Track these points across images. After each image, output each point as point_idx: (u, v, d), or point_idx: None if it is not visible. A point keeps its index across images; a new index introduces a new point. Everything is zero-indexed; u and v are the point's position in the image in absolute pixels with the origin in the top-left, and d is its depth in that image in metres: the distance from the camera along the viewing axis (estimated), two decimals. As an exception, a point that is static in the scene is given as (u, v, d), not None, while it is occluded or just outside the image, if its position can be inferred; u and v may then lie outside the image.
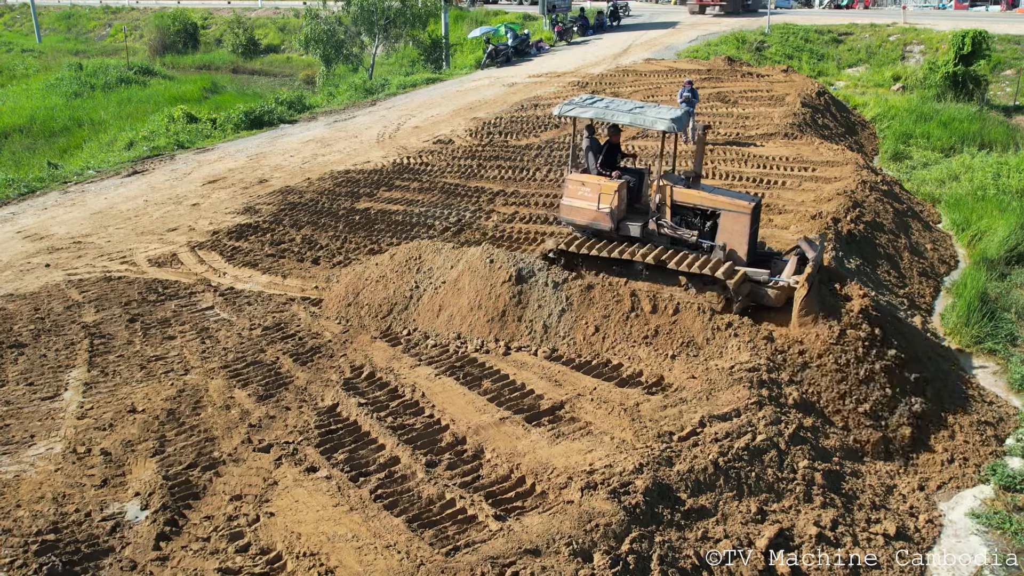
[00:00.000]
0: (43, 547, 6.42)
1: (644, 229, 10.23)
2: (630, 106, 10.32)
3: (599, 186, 10.18)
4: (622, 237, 10.33)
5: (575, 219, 10.43)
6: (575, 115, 10.32)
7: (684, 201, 10.12)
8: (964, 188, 17.40)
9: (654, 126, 9.79)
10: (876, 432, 8.35)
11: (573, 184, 10.38)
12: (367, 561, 5.97)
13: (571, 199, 10.38)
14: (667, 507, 6.48)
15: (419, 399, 8.33)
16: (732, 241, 9.86)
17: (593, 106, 10.35)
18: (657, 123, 9.75)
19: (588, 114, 10.25)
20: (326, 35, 33.04)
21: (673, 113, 9.96)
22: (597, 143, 10.78)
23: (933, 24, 35.87)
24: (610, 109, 10.22)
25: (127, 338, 10.33)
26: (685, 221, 10.22)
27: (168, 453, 7.69)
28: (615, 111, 10.15)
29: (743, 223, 9.77)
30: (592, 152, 10.67)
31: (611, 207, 10.09)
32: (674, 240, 10.20)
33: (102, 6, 62.50)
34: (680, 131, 9.97)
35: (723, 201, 9.95)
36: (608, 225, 10.20)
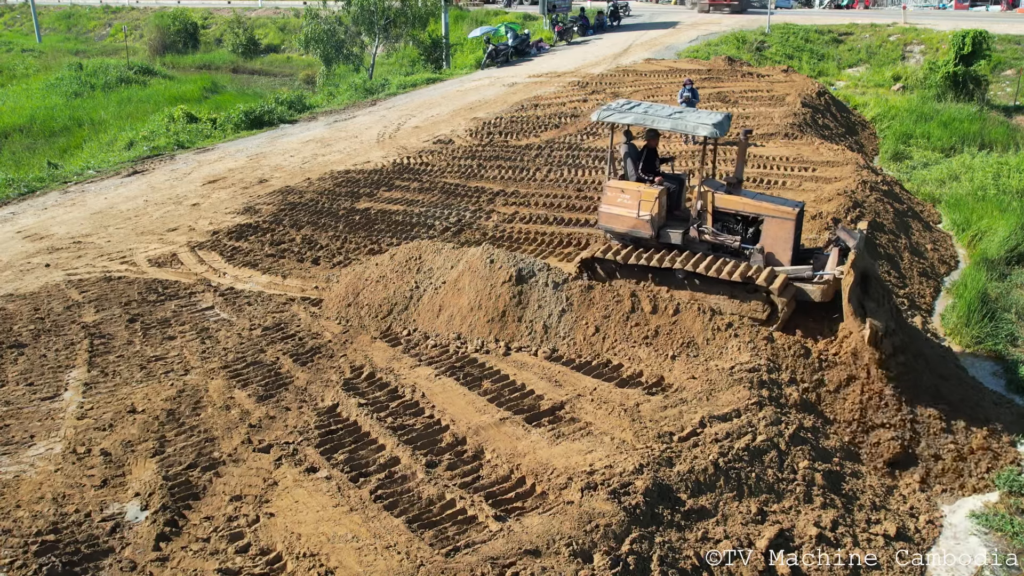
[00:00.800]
0: (43, 547, 6.42)
1: (685, 236, 10.08)
2: (670, 111, 10.15)
3: (639, 193, 10.02)
4: (662, 244, 10.15)
5: (615, 226, 10.30)
6: (614, 120, 10.12)
7: (726, 207, 9.90)
8: (964, 188, 17.40)
9: (696, 132, 9.59)
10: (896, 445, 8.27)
11: (612, 191, 10.21)
12: (367, 562, 5.97)
13: (610, 206, 10.25)
14: (667, 508, 6.47)
15: (419, 399, 8.33)
16: (775, 247, 9.63)
17: (632, 111, 10.14)
18: (699, 128, 9.53)
19: (627, 120, 10.06)
20: (326, 35, 33.05)
21: (715, 118, 9.71)
22: (635, 149, 10.58)
23: (933, 24, 35.87)
24: (649, 114, 10.03)
25: (127, 338, 10.32)
26: (727, 227, 10.00)
27: (168, 453, 7.68)
28: (655, 116, 9.97)
29: (787, 229, 9.57)
30: (631, 158, 10.48)
31: (651, 214, 9.96)
32: (715, 247, 10.02)
33: (102, 6, 62.51)
34: (723, 135, 9.74)
35: (767, 207, 9.75)
36: (649, 232, 10.05)
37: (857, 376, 8.58)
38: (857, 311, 8.71)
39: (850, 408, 8.48)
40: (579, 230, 13.33)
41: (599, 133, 19.98)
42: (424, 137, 20.76)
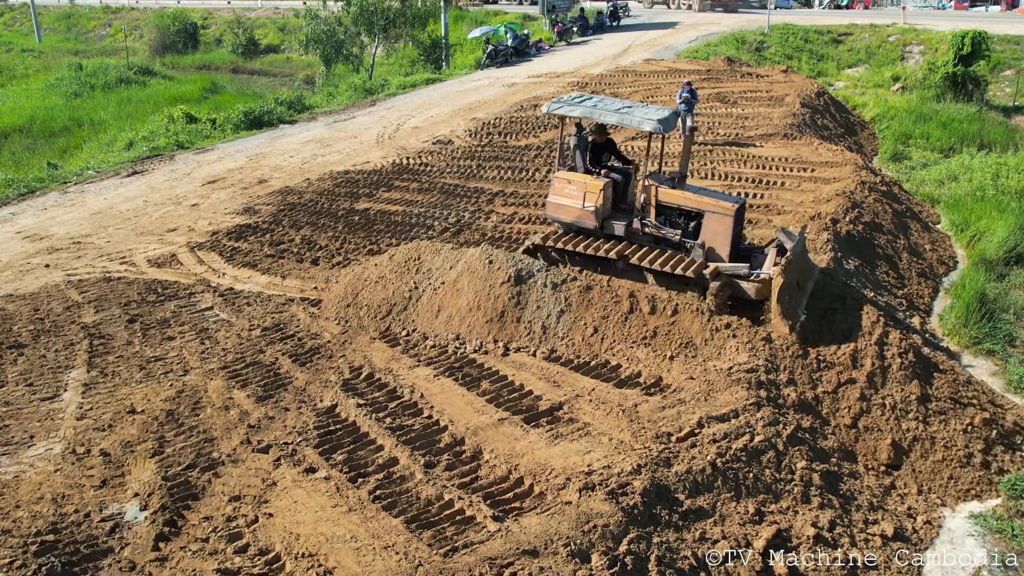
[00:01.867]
0: (42, 548, 6.43)
1: (628, 228, 10.35)
2: (618, 105, 10.38)
3: (585, 184, 10.30)
4: (606, 235, 10.44)
5: (561, 216, 10.57)
6: (563, 113, 10.41)
7: (669, 201, 10.22)
8: (963, 189, 17.41)
9: (641, 126, 9.83)
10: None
11: (560, 182, 10.53)
12: (365, 562, 5.98)
13: (558, 197, 10.54)
14: (665, 508, 6.49)
15: (418, 400, 8.34)
16: (715, 242, 9.95)
17: (581, 105, 10.41)
18: (644, 123, 9.79)
19: (576, 113, 10.31)
20: (326, 35, 33.06)
21: (661, 114, 9.99)
22: (585, 141, 10.86)
23: (933, 24, 35.90)
24: (598, 108, 10.26)
25: (126, 339, 10.34)
26: (669, 221, 10.30)
27: (167, 454, 7.70)
28: (603, 110, 10.20)
29: (726, 224, 9.87)
30: (580, 151, 10.74)
31: (596, 206, 10.23)
32: (658, 239, 10.31)
33: (102, 6, 62.53)
34: (667, 132, 10.05)
35: (707, 202, 10.05)
36: (593, 223, 10.32)
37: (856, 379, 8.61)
38: (785, 312, 9.07)
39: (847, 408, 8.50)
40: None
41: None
42: (423, 137, 20.78)
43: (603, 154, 10.86)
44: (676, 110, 10.62)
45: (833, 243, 11.89)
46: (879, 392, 8.59)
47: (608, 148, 10.96)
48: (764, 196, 14.61)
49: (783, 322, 9.08)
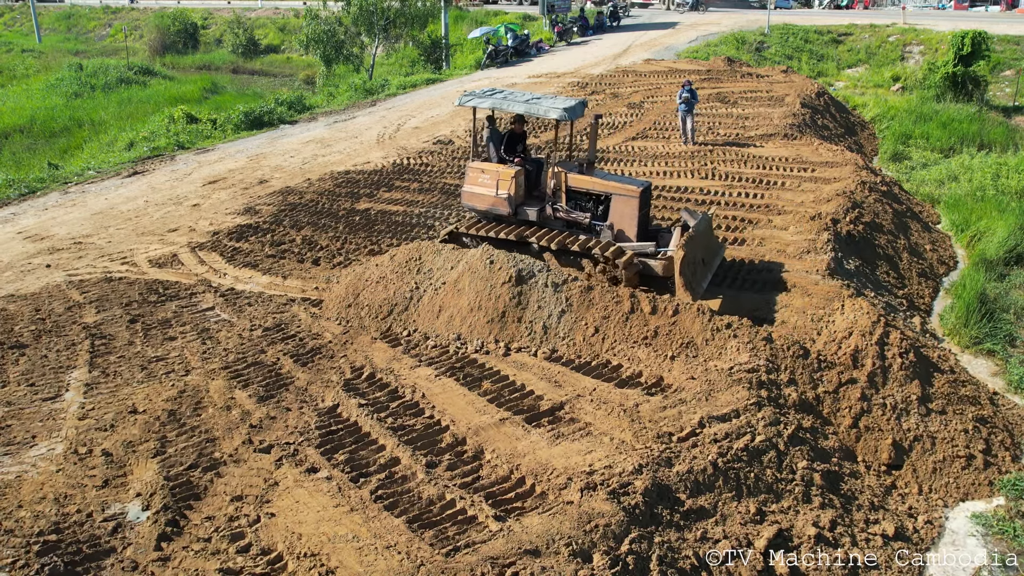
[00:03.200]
0: (45, 547, 6.44)
1: (541, 213, 10.91)
2: (527, 97, 11.06)
3: (497, 173, 10.84)
4: (520, 221, 10.99)
5: (476, 205, 11.10)
6: (474, 104, 10.93)
7: (578, 186, 10.82)
8: (963, 189, 17.43)
9: (547, 115, 10.36)
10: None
11: (473, 172, 11.07)
12: (367, 561, 5.99)
13: (472, 186, 11.06)
14: (666, 508, 6.50)
15: (419, 400, 8.35)
16: (623, 223, 10.53)
17: (491, 97, 10.99)
18: (551, 112, 10.32)
19: (486, 104, 10.86)
20: (326, 35, 33.06)
21: (567, 103, 10.56)
22: (498, 133, 11.43)
23: (932, 24, 35.92)
24: (507, 99, 10.84)
25: (128, 339, 10.34)
26: (579, 205, 10.87)
27: (169, 454, 7.71)
28: (512, 101, 10.79)
29: (632, 206, 10.45)
30: (493, 142, 11.30)
31: (509, 193, 10.77)
32: (569, 223, 10.87)
33: (102, 6, 62.53)
34: (573, 119, 10.60)
35: (613, 186, 10.66)
36: (506, 210, 10.87)
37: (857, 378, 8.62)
38: (687, 283, 9.73)
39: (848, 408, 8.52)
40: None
41: (598, 134, 20.01)
42: (424, 138, 20.79)
43: (517, 144, 11.41)
44: (583, 100, 11.33)
45: (833, 243, 11.91)
46: (880, 392, 8.60)
47: (521, 139, 11.51)
48: (764, 196, 14.63)
49: (686, 293, 9.67)
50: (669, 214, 13.83)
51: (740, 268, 11.48)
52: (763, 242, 12.35)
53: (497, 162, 11.10)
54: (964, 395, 8.97)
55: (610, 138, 19.56)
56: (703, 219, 10.54)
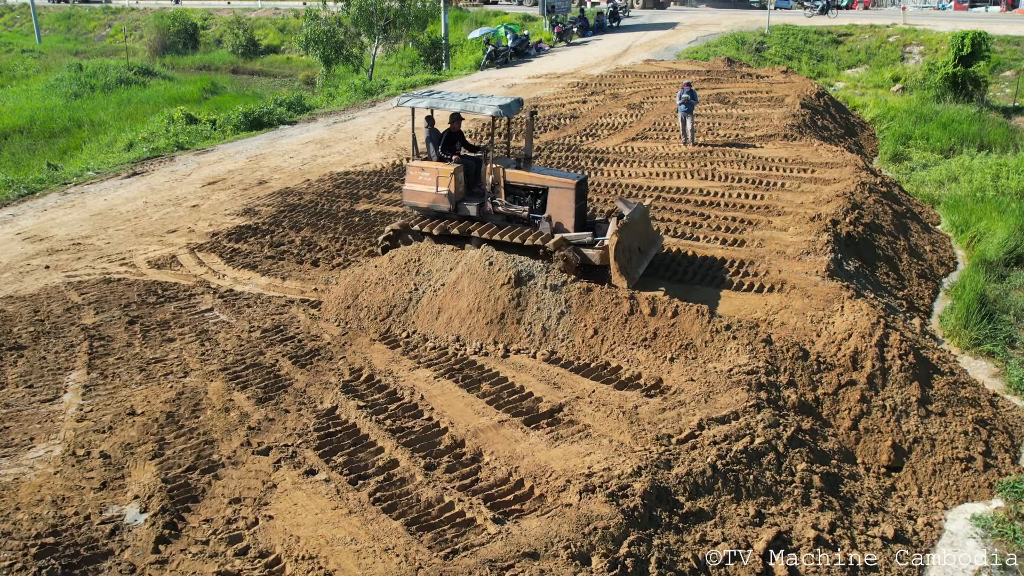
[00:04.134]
0: (42, 550, 6.42)
1: (480, 208, 11.31)
2: (463, 96, 11.62)
3: (437, 171, 11.19)
4: (461, 217, 11.34)
5: (417, 202, 11.46)
6: (411, 105, 11.34)
7: (516, 181, 11.23)
8: (963, 189, 17.42)
9: (483, 111, 10.84)
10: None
11: (413, 171, 11.40)
12: (366, 564, 5.98)
13: (413, 184, 11.41)
14: (665, 510, 6.49)
15: (418, 402, 8.34)
16: (560, 215, 10.91)
17: (428, 97, 11.46)
18: (486, 109, 10.81)
19: (423, 103, 11.28)
20: (326, 36, 33.06)
21: (502, 101, 11.10)
22: (437, 132, 11.73)
23: (933, 25, 35.91)
24: (444, 99, 11.33)
25: (126, 340, 10.33)
26: (518, 199, 11.27)
27: (167, 456, 7.69)
28: (448, 100, 11.27)
29: (569, 198, 10.83)
30: (432, 141, 11.62)
31: (448, 190, 11.14)
32: (509, 217, 11.26)
33: (102, 6, 62.54)
34: (508, 116, 11.03)
35: (550, 179, 11.07)
36: (446, 206, 11.24)
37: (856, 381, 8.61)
38: (622, 269, 10.08)
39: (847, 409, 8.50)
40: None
41: (598, 135, 20.01)
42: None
43: (456, 142, 11.76)
44: (519, 98, 11.79)
45: (833, 244, 11.89)
46: (879, 394, 8.59)
47: (459, 137, 11.86)
48: (764, 197, 14.61)
49: (620, 279, 10.01)
50: (668, 215, 13.82)
51: (740, 268, 11.47)
52: (763, 243, 12.34)
53: (437, 160, 11.42)
54: (964, 397, 8.96)
55: (610, 139, 19.55)
56: (638, 209, 10.97)
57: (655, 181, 15.85)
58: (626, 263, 10.20)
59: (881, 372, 8.73)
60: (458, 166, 11.24)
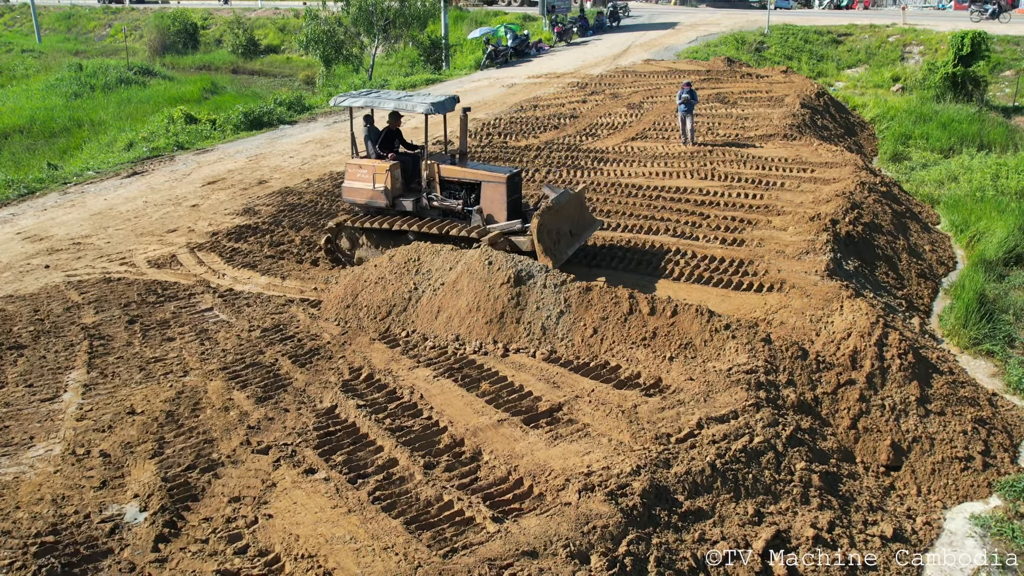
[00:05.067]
0: (42, 549, 6.43)
1: (417, 204, 11.79)
2: (399, 94, 12.06)
3: (374, 168, 11.65)
4: (398, 212, 11.80)
5: (356, 199, 11.88)
6: (348, 104, 11.70)
7: (450, 176, 11.67)
8: (963, 189, 17.43)
9: (415, 109, 11.31)
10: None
11: (352, 168, 11.85)
12: (365, 563, 5.99)
13: (351, 181, 11.85)
14: (664, 509, 6.49)
15: (417, 401, 8.35)
16: (492, 208, 11.39)
17: (364, 96, 11.84)
18: (418, 106, 11.29)
19: (359, 103, 11.68)
20: (326, 35, 33.05)
21: (435, 99, 11.54)
22: (376, 130, 12.10)
23: (932, 25, 35.92)
24: (380, 97, 11.73)
25: (126, 340, 10.34)
26: (453, 194, 11.72)
27: (167, 455, 7.70)
28: (383, 98, 11.68)
29: (500, 192, 11.28)
30: (370, 139, 12.02)
31: (385, 186, 11.59)
32: (445, 212, 11.74)
33: (102, 6, 62.55)
34: (441, 113, 11.47)
35: (483, 175, 11.51)
36: (384, 202, 11.70)
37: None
38: (546, 250, 10.63)
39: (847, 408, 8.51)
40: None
41: (598, 135, 20.01)
42: (423, 138, 20.75)
43: (393, 140, 12.19)
44: (454, 96, 12.20)
45: (832, 244, 11.90)
46: (878, 393, 8.60)
47: (397, 135, 12.29)
48: (764, 197, 14.62)
49: (545, 259, 10.51)
50: (668, 214, 13.82)
51: (739, 267, 11.48)
52: (762, 243, 12.34)
53: (375, 158, 11.85)
54: (963, 396, 8.97)
55: (610, 138, 19.56)
56: (565, 194, 11.44)
57: (655, 181, 15.86)
58: (551, 245, 10.76)
59: (880, 371, 8.74)
60: (395, 163, 11.69)
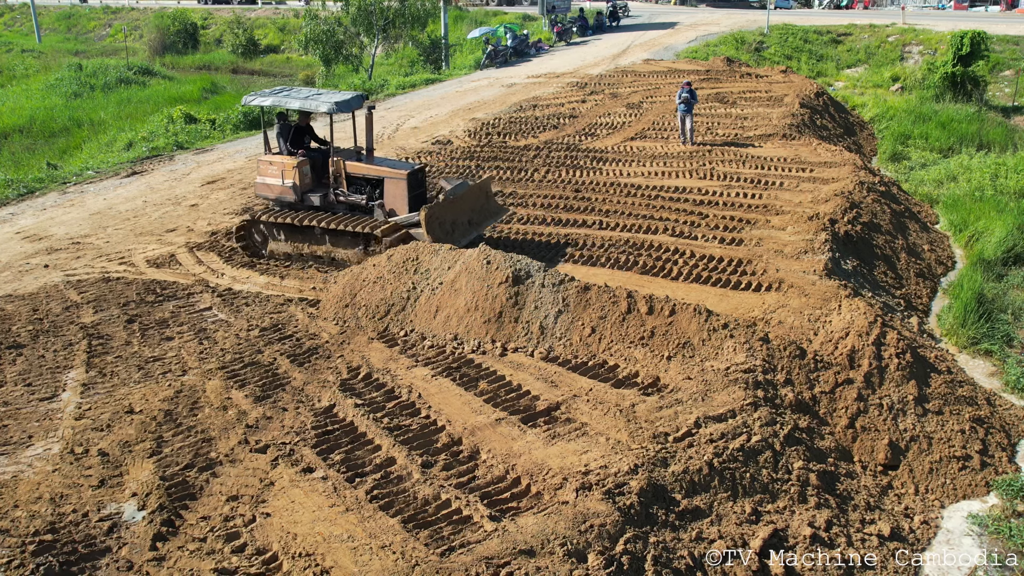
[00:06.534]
0: (40, 547, 6.44)
1: (324, 199, 12.26)
2: (307, 93, 12.31)
3: (283, 164, 12.14)
4: (307, 207, 12.30)
5: (267, 194, 12.44)
6: (257, 103, 12.25)
7: (356, 172, 12.20)
8: (962, 189, 17.44)
9: (318, 108, 11.64)
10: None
11: (264, 164, 12.36)
12: (362, 561, 5.99)
13: (263, 177, 12.38)
14: (662, 508, 6.50)
15: (415, 400, 8.35)
16: (394, 203, 11.94)
17: (272, 95, 12.25)
18: (321, 106, 11.63)
19: (267, 102, 12.13)
20: (325, 35, 33.05)
21: (340, 97, 11.93)
22: (288, 127, 12.52)
23: (932, 25, 35.92)
24: (289, 96, 12.08)
25: (125, 339, 10.34)
26: (359, 189, 12.21)
27: (165, 454, 7.71)
28: (289, 97, 12.05)
29: (402, 187, 11.84)
30: (282, 136, 12.45)
31: (294, 182, 12.11)
32: (351, 206, 12.21)
33: (102, 6, 62.55)
34: (344, 112, 11.85)
35: (385, 171, 12.04)
36: (293, 197, 12.22)
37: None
38: (435, 239, 11.16)
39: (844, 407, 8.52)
40: (577, 231, 13.35)
41: (597, 134, 20.02)
42: (423, 138, 20.79)
43: (304, 137, 12.64)
44: (361, 94, 12.63)
45: (831, 243, 11.90)
46: (876, 392, 8.61)
47: (308, 132, 12.75)
48: (762, 196, 14.63)
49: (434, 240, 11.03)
50: (667, 214, 13.83)
51: (738, 267, 11.48)
52: (761, 242, 12.35)
53: (286, 154, 12.29)
54: (961, 395, 8.97)
55: (609, 138, 19.57)
56: (462, 185, 12.08)
57: (654, 180, 15.86)
58: (442, 235, 11.43)
59: (878, 371, 8.74)
60: (303, 159, 12.16)
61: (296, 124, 12.54)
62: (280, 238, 12.46)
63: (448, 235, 11.58)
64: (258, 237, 12.71)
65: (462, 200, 12.04)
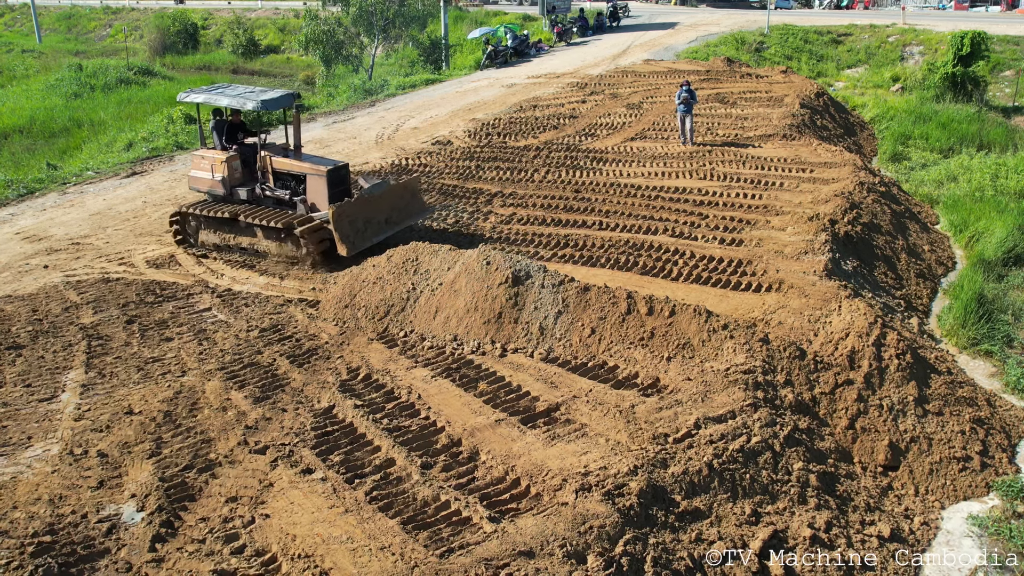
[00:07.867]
0: (39, 548, 6.43)
1: (251, 193, 12.69)
2: (240, 91, 12.65)
3: (214, 159, 12.58)
4: (236, 200, 12.70)
5: (199, 188, 12.92)
6: (190, 100, 12.66)
7: (281, 168, 12.61)
8: (962, 189, 17.43)
9: (245, 106, 12.03)
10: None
11: (196, 159, 12.86)
12: (362, 563, 5.99)
13: (196, 171, 12.86)
14: (661, 509, 6.49)
15: (415, 401, 8.34)
16: (316, 198, 12.28)
17: (204, 93, 12.69)
18: (248, 103, 12.00)
19: (200, 99, 12.53)
20: (326, 36, 33.04)
21: (267, 95, 12.34)
22: (222, 123, 13.00)
23: (932, 25, 35.89)
24: (224, 94, 12.42)
25: (125, 340, 10.34)
26: (285, 185, 12.60)
27: (164, 455, 7.70)
28: (220, 95, 12.42)
29: (322, 183, 12.21)
30: (216, 132, 12.95)
31: (223, 176, 12.52)
32: (277, 201, 12.59)
33: (102, 6, 62.54)
34: (270, 110, 12.67)
35: (307, 167, 12.42)
36: (222, 191, 12.65)
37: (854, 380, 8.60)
38: (343, 238, 11.51)
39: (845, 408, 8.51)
40: (577, 231, 13.33)
41: (597, 135, 20.01)
42: (423, 138, 20.78)
43: (237, 133, 13.07)
44: (292, 92, 13.10)
45: (831, 244, 11.89)
46: (876, 393, 8.59)
47: (241, 128, 13.23)
48: (763, 197, 14.61)
49: (341, 247, 11.49)
50: (666, 214, 13.82)
51: (738, 267, 11.47)
52: (761, 243, 12.34)
53: (220, 149, 12.73)
54: (961, 396, 8.96)
55: (609, 138, 19.56)
56: (380, 184, 12.43)
57: (654, 181, 15.85)
58: (350, 233, 11.65)
59: (878, 371, 8.73)
60: (232, 154, 12.57)
61: (230, 121, 13.00)
62: (209, 230, 12.86)
63: (359, 233, 11.87)
64: (189, 229, 13.13)
65: (379, 199, 12.34)
